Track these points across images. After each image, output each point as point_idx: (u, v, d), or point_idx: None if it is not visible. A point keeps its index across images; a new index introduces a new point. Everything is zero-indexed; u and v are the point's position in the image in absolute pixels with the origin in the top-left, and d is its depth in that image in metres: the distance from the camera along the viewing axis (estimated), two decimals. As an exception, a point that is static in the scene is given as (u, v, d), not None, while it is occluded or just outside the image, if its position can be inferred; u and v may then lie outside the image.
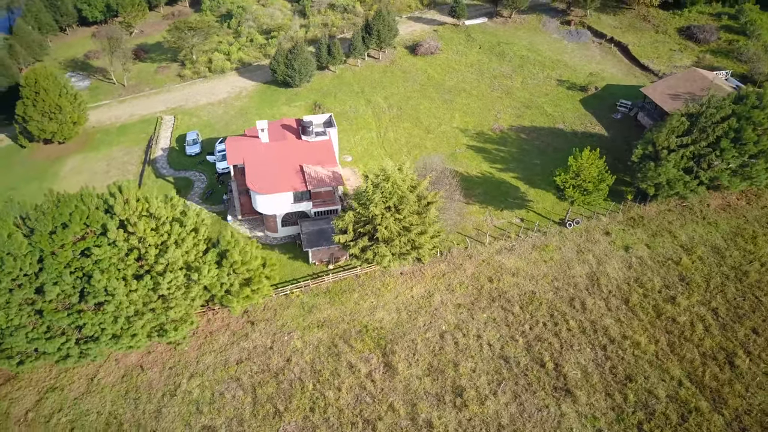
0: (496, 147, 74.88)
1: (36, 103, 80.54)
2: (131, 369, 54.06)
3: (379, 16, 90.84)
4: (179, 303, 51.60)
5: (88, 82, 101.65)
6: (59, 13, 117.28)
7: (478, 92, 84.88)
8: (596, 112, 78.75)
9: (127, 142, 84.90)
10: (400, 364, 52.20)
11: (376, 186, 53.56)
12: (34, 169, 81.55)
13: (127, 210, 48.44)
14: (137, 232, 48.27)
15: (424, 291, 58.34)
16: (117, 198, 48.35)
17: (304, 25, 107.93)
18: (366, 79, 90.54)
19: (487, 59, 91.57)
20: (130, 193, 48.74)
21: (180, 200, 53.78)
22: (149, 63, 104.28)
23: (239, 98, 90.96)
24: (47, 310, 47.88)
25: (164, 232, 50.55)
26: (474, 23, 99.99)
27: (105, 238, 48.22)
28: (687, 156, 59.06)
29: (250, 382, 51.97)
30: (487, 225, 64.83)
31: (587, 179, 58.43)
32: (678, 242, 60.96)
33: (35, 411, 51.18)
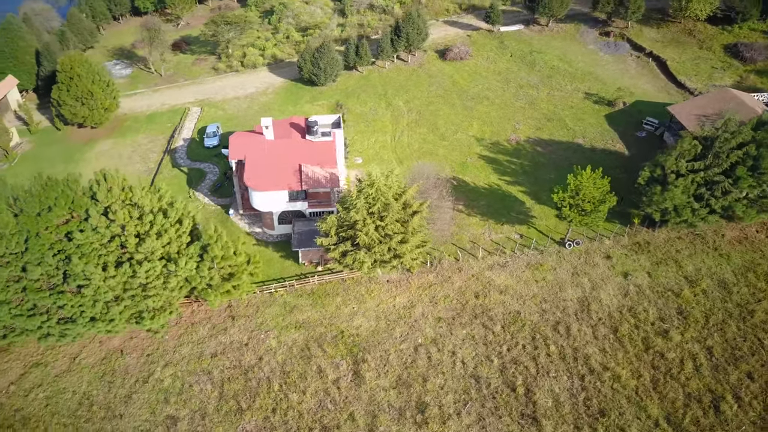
0: (508, 159, 72.70)
1: (70, 88, 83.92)
2: (112, 352, 55.50)
3: (409, 18, 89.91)
4: (158, 293, 52.55)
5: (130, 70, 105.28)
6: (113, 2, 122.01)
7: (501, 101, 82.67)
8: (620, 129, 75.23)
9: (153, 130, 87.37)
10: (368, 373, 51.41)
11: (360, 191, 52.92)
12: (66, 150, 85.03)
13: (110, 198, 49.67)
14: (117, 220, 49.40)
15: (407, 301, 57.26)
16: (101, 185, 49.65)
17: (341, 25, 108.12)
18: (391, 82, 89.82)
19: (516, 68, 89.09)
20: (113, 182, 49.96)
21: (167, 191, 54.68)
22: (189, 55, 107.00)
23: (265, 94, 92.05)
24: (30, 289, 49.74)
25: (147, 222, 51.55)
26: (509, 30, 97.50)
27: (88, 223, 49.59)
28: (698, 182, 55.46)
29: (220, 377, 52.40)
30: (484, 238, 63.00)
31: (586, 199, 55.78)
32: (683, 273, 57.40)
33: (17, 384, 53.27)
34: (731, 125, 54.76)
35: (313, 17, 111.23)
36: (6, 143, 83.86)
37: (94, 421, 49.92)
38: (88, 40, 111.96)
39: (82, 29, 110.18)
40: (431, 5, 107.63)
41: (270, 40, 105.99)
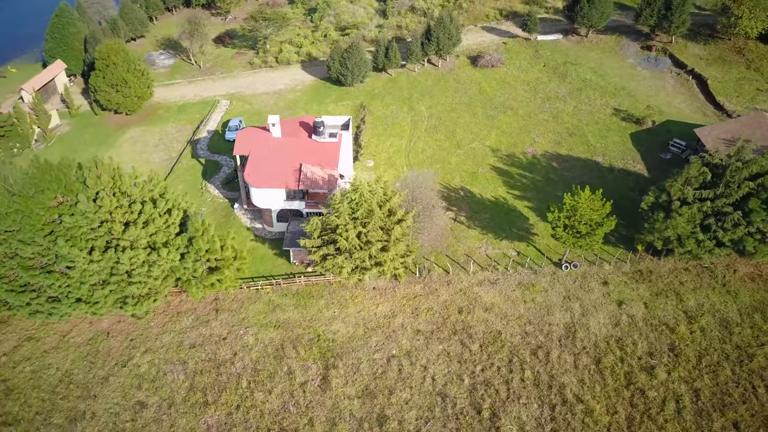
0: (521, 172, 70.38)
1: (105, 75, 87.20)
2: (99, 333, 57.23)
3: (440, 23, 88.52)
4: (143, 280, 53.73)
5: (173, 60, 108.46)
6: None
7: (525, 112, 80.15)
8: (644, 149, 71.48)
9: (182, 120, 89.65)
10: (336, 380, 50.88)
11: (344, 196, 52.45)
12: (99, 135, 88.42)
13: (99, 184, 51.12)
14: (104, 207, 50.80)
15: (389, 310, 56.34)
16: (91, 172, 51.18)
17: (380, 26, 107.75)
18: (417, 86, 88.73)
19: (546, 78, 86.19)
20: (104, 169, 51.35)
21: (160, 182, 55.79)
22: (230, 48, 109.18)
23: (294, 91, 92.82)
24: (22, 267, 51.87)
25: (135, 211, 52.79)
26: (547, 39, 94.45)
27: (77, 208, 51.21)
28: (705, 211, 51.88)
29: (193, 368, 53.12)
30: (479, 252, 61.22)
31: (582, 221, 53.22)
32: (683, 307, 53.91)
33: (8, 356, 55.71)
34: (745, 153, 50.89)
35: (354, 17, 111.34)
36: (45, 125, 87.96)
37: (70, 399, 51.55)
38: (138, 30, 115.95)
39: (133, 19, 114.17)
40: (472, 10, 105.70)
41: (308, 37, 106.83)
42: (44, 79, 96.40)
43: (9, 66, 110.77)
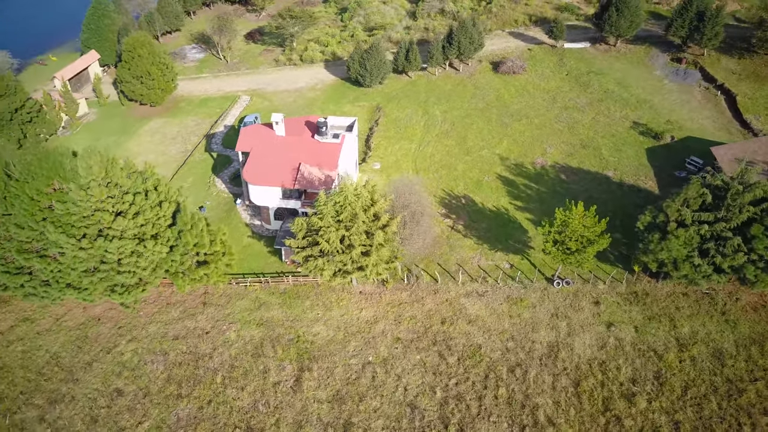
0: (526, 182, 68.59)
1: (131, 67, 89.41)
2: (90, 319, 58.64)
3: (462, 27, 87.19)
4: (131, 270, 54.71)
5: (203, 55, 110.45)
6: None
7: (540, 121, 78.10)
8: (659, 166, 68.56)
9: (203, 114, 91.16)
10: (309, 382, 50.67)
11: (329, 197, 52.15)
12: (122, 124, 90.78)
13: (90, 174, 52.24)
14: (94, 196, 51.92)
15: (371, 316, 55.76)
16: (83, 161, 52.34)
17: (407, 27, 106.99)
18: (436, 90, 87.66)
19: (567, 87, 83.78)
20: (95, 159, 52.41)
21: (154, 174, 56.57)
22: (259, 45, 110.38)
23: (313, 90, 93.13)
24: (16, 250, 53.60)
25: (126, 201, 53.77)
26: (573, 47, 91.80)
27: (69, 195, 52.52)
28: (704, 235, 49.28)
29: (173, 360, 53.81)
30: (472, 263, 59.94)
31: (572, 237, 51.38)
32: (675, 333, 51.42)
33: (4, 335, 57.69)
34: (749, 176, 48.06)
35: (383, 17, 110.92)
36: (72, 112, 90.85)
37: (53, 382, 52.97)
38: (173, 23, 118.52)
39: (169, 12, 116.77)
40: (501, 15, 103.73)
41: (336, 36, 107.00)
42: (77, 68, 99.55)
43: (50, 54, 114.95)
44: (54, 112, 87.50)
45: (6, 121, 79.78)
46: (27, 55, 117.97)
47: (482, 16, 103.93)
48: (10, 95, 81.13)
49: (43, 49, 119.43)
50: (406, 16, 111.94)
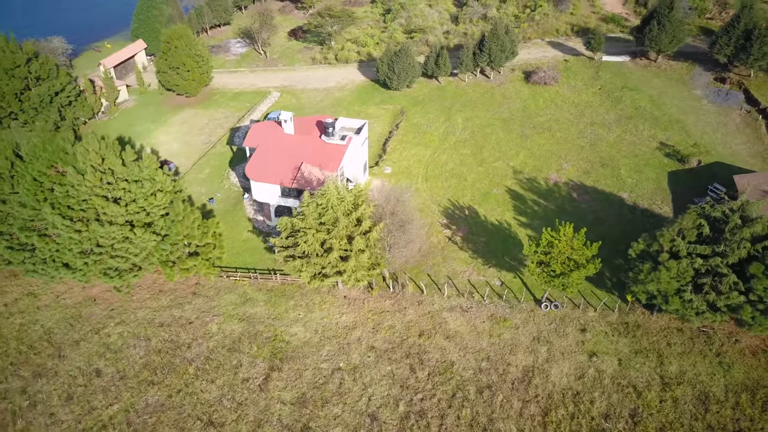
0: (535, 198, 66.23)
1: (167, 58, 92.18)
2: (87, 299, 60.70)
3: (493, 35, 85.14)
4: (123, 255, 56.31)
5: (245, 49, 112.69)
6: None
7: (563, 135, 75.26)
8: (680, 191, 64.68)
9: (233, 107, 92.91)
10: (276, 382, 50.64)
11: (312, 199, 51.96)
12: (156, 113, 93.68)
13: (87, 160, 54.06)
14: (89, 182, 53.70)
15: (351, 321, 55.18)
16: (82, 147, 54.23)
17: (447, 32, 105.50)
18: (462, 97, 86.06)
19: (598, 102, 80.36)
20: (91, 145, 54.14)
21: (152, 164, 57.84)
22: (301, 42, 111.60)
23: (341, 90, 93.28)
24: (18, 227, 56.16)
25: (120, 188, 55.37)
26: (612, 60, 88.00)
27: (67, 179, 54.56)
28: (699, 269, 46.06)
29: (154, 347, 54.95)
30: (462, 276, 58.38)
31: (558, 259, 49.12)
32: (661, 371, 48.29)
33: (7, 307, 60.48)
34: (750, 210, 44.48)
35: (426, 20, 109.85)
36: (112, 98, 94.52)
37: (42, 356, 55.08)
38: (222, 17, 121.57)
39: (218, 6, 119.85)
40: (543, 23, 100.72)
41: (375, 37, 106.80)
42: (123, 57, 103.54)
43: (106, 42, 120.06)
44: (93, 97, 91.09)
45: (46, 103, 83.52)
46: (84, 41, 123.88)
47: (524, 24, 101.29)
48: (52, 79, 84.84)
49: (101, 37, 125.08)
50: (449, 21, 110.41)
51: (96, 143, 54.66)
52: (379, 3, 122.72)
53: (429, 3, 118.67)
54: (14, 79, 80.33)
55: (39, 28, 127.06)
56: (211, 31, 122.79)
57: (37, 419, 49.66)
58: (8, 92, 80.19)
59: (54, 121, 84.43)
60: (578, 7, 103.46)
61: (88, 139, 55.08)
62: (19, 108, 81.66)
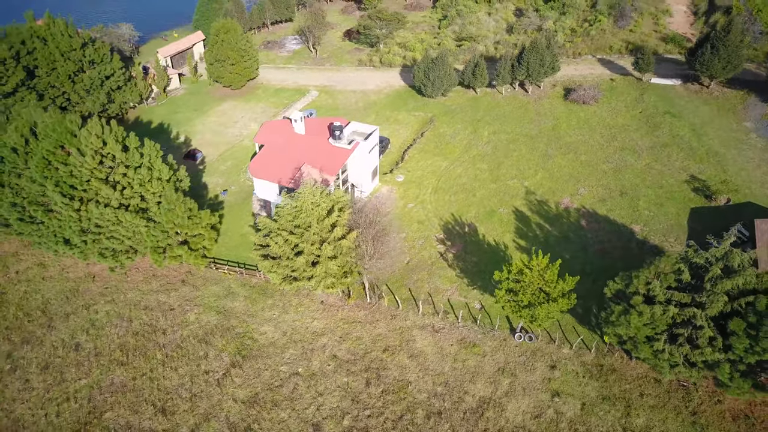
0: (541, 222, 63.09)
1: (213, 50, 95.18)
2: (88, 275, 63.59)
3: (533, 48, 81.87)
4: (117, 236, 58.57)
5: (299, 47, 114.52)
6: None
7: (588, 158, 71.28)
8: (699, 230, 59.56)
9: (272, 103, 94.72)
10: (234, 378, 51.02)
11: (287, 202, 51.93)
12: (200, 102, 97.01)
13: (88, 143, 56.53)
14: (84, 164, 56.15)
15: (321, 327, 54.72)
16: (85, 131, 56.75)
17: (498, 42, 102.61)
18: (495, 110, 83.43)
19: (635, 126, 75.48)
20: (94, 129, 56.54)
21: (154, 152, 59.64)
22: (353, 44, 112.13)
23: (378, 93, 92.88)
24: (28, 201, 59.65)
25: (119, 173, 57.58)
26: (661, 83, 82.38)
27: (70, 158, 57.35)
28: (675, 317, 42.21)
29: (133, 329, 56.77)
30: (443, 295, 56.50)
31: (528, 290, 46.46)
32: (626, 422, 44.61)
33: (18, 274, 64.41)
34: (733, 259, 40.11)
35: (480, 29, 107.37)
36: (161, 85, 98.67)
37: (34, 324, 58.22)
38: (284, 14, 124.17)
39: (280, 3, 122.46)
40: (598, 39, 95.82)
41: (424, 42, 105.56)
42: (181, 47, 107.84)
43: (174, 31, 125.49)
44: (143, 83, 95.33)
45: (96, 86, 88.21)
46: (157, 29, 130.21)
47: (577, 39, 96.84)
48: (105, 63, 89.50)
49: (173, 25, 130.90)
50: (504, 30, 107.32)
51: (99, 128, 57.10)
52: (439, 8, 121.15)
53: (489, 11, 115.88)
54: (69, 61, 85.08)
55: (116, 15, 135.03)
56: (272, 26, 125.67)
57: (13, 383, 52.45)
58: (63, 74, 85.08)
59: (101, 103, 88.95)
60: (640, 24, 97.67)
61: (93, 123, 57.60)
62: (71, 89, 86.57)
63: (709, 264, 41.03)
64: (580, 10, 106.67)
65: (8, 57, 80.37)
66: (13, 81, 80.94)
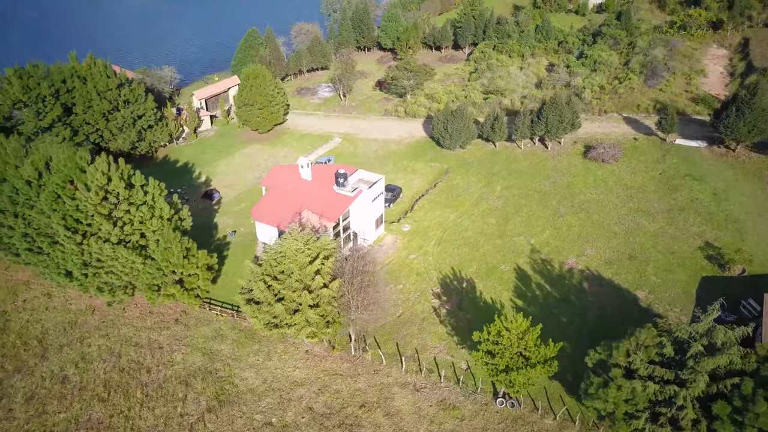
0: (541, 282, 60.98)
1: (242, 95, 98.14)
2: (88, 308, 64.71)
3: (552, 104, 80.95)
4: (116, 272, 59.71)
5: (331, 94, 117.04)
6: (362, 35, 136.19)
7: (600, 218, 68.99)
8: (708, 301, 55.84)
9: (295, 147, 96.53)
10: (207, 424, 50.36)
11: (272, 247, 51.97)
12: (227, 144, 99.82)
13: (94, 180, 58.35)
14: (89, 199, 57.86)
15: (301, 377, 53.72)
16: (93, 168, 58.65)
17: (524, 96, 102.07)
18: (512, 164, 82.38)
19: (652, 187, 72.90)
20: (101, 166, 58.36)
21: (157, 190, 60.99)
22: (383, 93, 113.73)
23: (399, 143, 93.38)
24: (36, 232, 61.75)
25: (122, 210, 59.06)
26: (686, 144, 79.71)
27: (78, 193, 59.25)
28: (657, 394, 39.47)
29: (120, 365, 57.10)
30: (430, 352, 54.80)
31: (505, 354, 44.51)
32: (603, 505, 41.51)
33: (25, 303, 66.16)
34: (717, 336, 37.34)
35: (508, 83, 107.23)
36: (192, 126, 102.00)
37: (29, 355, 59.29)
38: (320, 62, 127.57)
39: (317, 52, 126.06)
40: (626, 97, 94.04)
41: (452, 94, 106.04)
42: (215, 90, 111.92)
43: (215, 76, 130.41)
44: (174, 123, 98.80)
45: (129, 124, 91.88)
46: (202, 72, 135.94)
47: (605, 96, 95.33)
48: (140, 103, 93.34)
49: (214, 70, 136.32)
50: (533, 85, 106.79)
51: (105, 165, 58.96)
52: (472, 61, 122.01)
53: (521, 65, 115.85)
54: (104, 100, 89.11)
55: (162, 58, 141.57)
56: (308, 74, 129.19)
57: (-4, 411, 53.23)
58: (97, 112, 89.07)
59: (132, 141, 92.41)
60: (671, 84, 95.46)
61: (100, 160, 59.53)
62: (104, 126, 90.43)
63: (692, 339, 38.36)
64: (612, 67, 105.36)
65: (48, 94, 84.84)
66: (51, 117, 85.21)
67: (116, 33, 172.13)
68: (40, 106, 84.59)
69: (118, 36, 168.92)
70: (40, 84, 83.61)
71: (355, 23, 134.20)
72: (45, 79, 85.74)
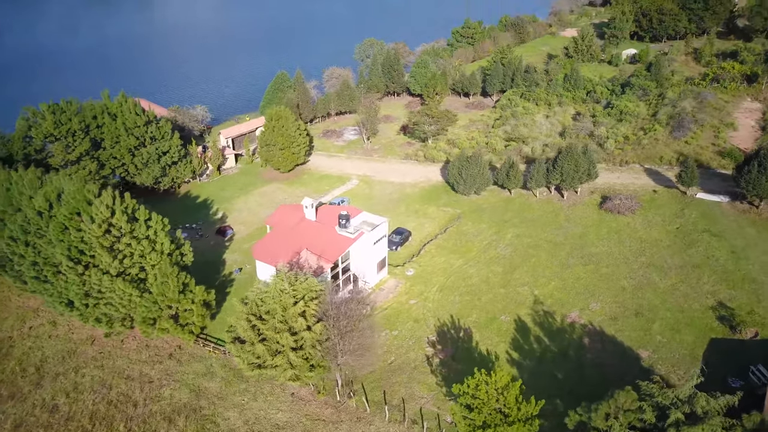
0: (540, 336, 58.87)
1: (265, 135, 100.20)
2: (89, 337, 65.54)
3: (568, 153, 79.69)
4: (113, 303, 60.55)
5: (356, 137, 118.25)
6: (392, 81, 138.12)
7: (609, 272, 66.65)
8: (715, 364, 52.98)
9: (314, 188, 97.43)
10: (183, 463, 49.67)
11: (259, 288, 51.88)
12: (248, 182, 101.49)
13: (99, 213, 59.80)
14: (91, 232, 59.21)
15: (283, 421, 52.72)
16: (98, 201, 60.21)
17: (546, 144, 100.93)
18: (525, 212, 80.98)
19: (667, 242, 70.22)
20: (105, 200, 59.86)
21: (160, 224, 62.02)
22: (407, 137, 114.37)
23: (414, 186, 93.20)
24: (43, 262, 63.41)
25: (124, 243, 60.21)
26: (707, 198, 76.90)
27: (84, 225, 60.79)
28: (637, 464, 37.03)
29: (109, 397, 57.25)
30: (417, 402, 53.11)
31: (483, 409, 42.73)
32: None
33: (30, 330, 67.60)
34: (699, 403, 34.86)
35: (531, 131, 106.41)
36: (215, 164, 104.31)
37: (26, 381, 60.08)
38: (348, 105, 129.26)
39: (345, 96, 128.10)
40: (650, 149, 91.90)
41: (473, 140, 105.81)
42: (242, 130, 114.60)
43: (247, 116, 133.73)
44: (197, 160, 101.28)
45: (153, 160, 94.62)
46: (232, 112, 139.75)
47: (628, 147, 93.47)
48: (166, 140, 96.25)
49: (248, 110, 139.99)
50: (557, 133, 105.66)
51: (110, 199, 60.45)
52: (498, 108, 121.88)
53: (547, 114, 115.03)
54: (131, 136, 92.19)
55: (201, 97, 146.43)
56: (336, 116, 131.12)
57: (-17, 437, 53.83)
58: (124, 147, 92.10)
59: (155, 176, 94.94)
60: (698, 136, 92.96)
61: (106, 194, 61.09)
62: (130, 161, 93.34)
63: (674, 405, 35.99)
64: (639, 118, 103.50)
65: (78, 129, 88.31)
66: (79, 151, 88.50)
67: (171, 73, 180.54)
68: (70, 140, 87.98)
69: (174, 76, 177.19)
70: (71, 119, 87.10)
71: (385, 69, 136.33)
72: (77, 114, 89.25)
